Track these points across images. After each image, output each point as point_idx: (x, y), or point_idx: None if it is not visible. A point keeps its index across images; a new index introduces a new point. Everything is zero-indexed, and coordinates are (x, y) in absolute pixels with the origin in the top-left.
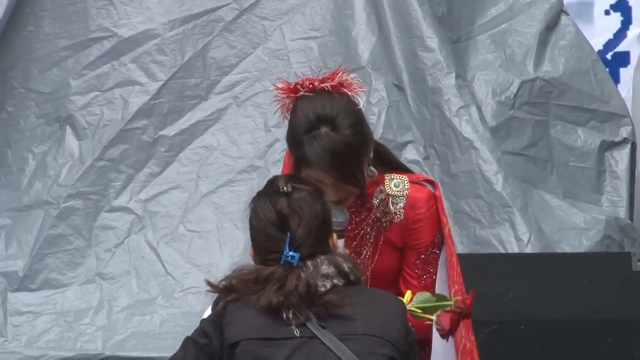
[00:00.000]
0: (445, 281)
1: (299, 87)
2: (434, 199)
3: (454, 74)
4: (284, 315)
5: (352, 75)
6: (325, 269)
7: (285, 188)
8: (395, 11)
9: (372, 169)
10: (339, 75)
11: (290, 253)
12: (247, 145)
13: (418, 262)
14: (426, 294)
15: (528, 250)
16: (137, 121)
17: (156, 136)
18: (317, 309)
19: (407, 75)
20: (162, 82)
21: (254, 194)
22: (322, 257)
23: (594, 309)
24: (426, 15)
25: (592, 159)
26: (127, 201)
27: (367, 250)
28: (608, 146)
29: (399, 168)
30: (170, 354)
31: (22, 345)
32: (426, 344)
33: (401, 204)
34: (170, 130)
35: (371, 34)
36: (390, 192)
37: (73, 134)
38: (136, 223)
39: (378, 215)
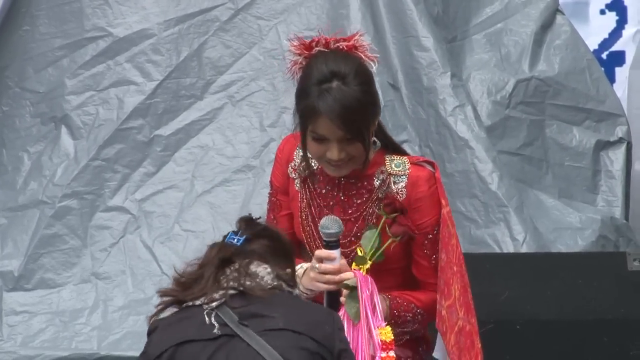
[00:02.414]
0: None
1: (314, 44)
2: (434, 179)
3: (449, 73)
4: (207, 319)
5: (367, 42)
6: (254, 269)
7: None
8: (390, 11)
9: (376, 140)
10: (355, 38)
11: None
12: (243, 145)
13: (426, 242)
14: (367, 234)
15: (523, 250)
16: (133, 121)
17: (151, 136)
18: (240, 309)
19: (403, 75)
20: (158, 81)
21: (250, 194)
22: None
23: (590, 308)
24: (421, 14)
25: (588, 159)
26: (122, 201)
27: None
28: (603, 146)
29: (399, 150)
30: None
31: (17, 345)
32: (422, 341)
33: (402, 184)
34: (165, 130)
35: (366, 34)
36: (391, 171)
37: (68, 133)
38: (132, 223)
39: (380, 195)
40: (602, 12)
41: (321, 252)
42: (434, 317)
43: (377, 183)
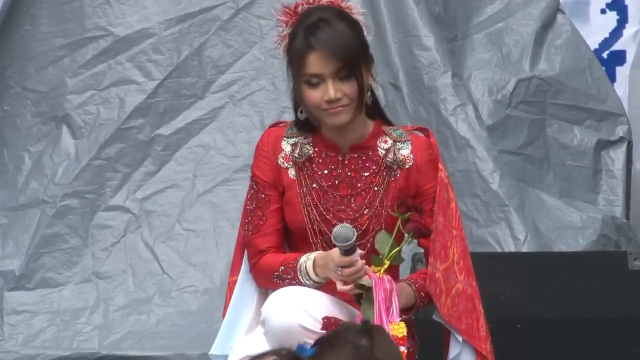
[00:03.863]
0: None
1: (299, 8)
2: (432, 145)
3: (450, 72)
4: None
5: (350, 3)
6: None
7: None
8: (391, 10)
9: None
10: None
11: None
12: (244, 144)
13: (434, 208)
14: (380, 237)
15: (524, 249)
16: (134, 120)
17: (152, 135)
18: None
19: (404, 74)
20: (159, 81)
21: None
22: None
23: (591, 308)
24: (422, 14)
25: (589, 158)
26: (123, 200)
27: (380, 203)
28: (604, 145)
29: (392, 123)
30: (166, 353)
31: (18, 345)
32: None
33: (408, 150)
34: (166, 129)
35: (367, 33)
36: (394, 138)
37: (69, 132)
38: (132, 222)
39: (388, 163)
40: (603, 11)
41: (343, 261)
42: None
43: (382, 152)
